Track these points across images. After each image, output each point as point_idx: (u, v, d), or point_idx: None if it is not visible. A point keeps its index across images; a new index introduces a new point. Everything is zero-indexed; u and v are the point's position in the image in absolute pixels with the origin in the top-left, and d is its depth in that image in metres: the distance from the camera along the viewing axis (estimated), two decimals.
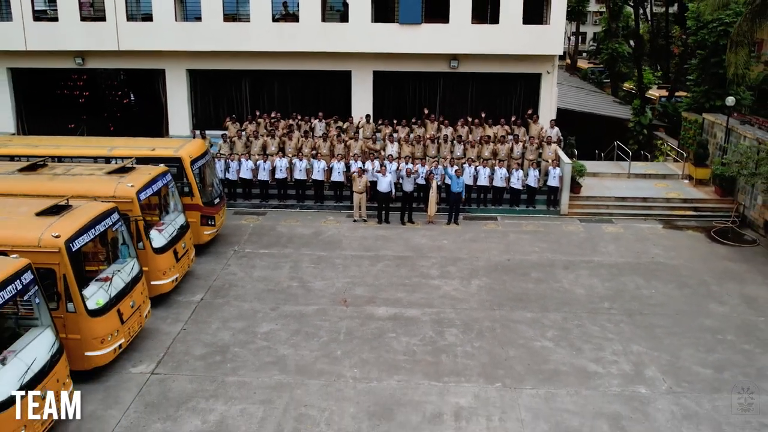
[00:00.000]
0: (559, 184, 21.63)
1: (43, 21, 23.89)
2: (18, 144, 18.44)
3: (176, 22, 23.34)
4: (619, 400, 11.78)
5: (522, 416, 11.24)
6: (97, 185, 14.53)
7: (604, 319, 14.82)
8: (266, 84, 24.52)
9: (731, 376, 12.63)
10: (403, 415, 11.22)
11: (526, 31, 22.65)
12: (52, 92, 25.76)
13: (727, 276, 17.39)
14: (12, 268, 9.95)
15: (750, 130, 21.70)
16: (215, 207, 18.28)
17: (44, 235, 11.39)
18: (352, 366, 12.66)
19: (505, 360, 12.98)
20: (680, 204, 22.41)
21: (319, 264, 17.54)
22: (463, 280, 16.66)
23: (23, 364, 9.81)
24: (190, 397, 11.63)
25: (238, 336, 13.76)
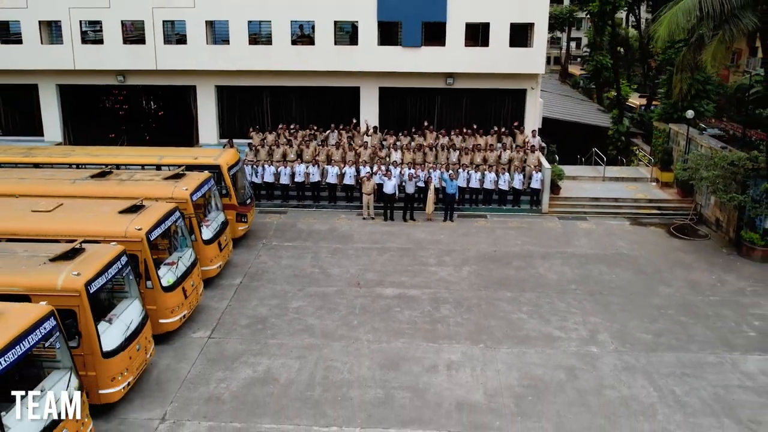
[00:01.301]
0: (541, 186, 24.93)
1: (89, 44, 27.22)
2: (80, 154, 21.71)
3: (207, 45, 26.67)
4: (575, 356, 15.13)
5: (498, 368, 14.58)
6: (158, 189, 17.88)
7: (570, 297, 18.16)
8: (285, 98, 27.89)
9: (666, 340, 15.98)
10: (407, 366, 14.57)
11: (513, 53, 26.02)
12: (95, 106, 29.15)
13: (678, 264, 20.73)
14: (113, 252, 13.32)
15: (705, 140, 25.05)
16: (247, 206, 21.65)
17: (129, 228, 14.76)
18: (366, 332, 16.02)
19: (487, 328, 16.33)
20: (646, 204, 25.74)
21: (336, 254, 20.90)
22: (455, 267, 20.01)
23: (123, 324, 13.15)
24: (241, 354, 14.99)
25: (273, 310, 17.12)
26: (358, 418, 12.72)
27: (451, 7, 25.62)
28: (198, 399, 13.29)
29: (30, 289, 11.97)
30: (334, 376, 14.14)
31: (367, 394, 13.53)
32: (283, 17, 26.18)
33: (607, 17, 35.25)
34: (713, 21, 17.86)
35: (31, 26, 26.81)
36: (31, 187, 18.19)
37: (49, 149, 23.22)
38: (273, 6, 26.03)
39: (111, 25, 26.53)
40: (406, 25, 25.95)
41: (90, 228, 14.73)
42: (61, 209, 15.87)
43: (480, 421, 12.69)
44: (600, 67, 42.16)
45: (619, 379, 14.25)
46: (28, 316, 10.51)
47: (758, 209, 20.87)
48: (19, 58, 27.17)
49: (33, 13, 26.65)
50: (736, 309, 17.74)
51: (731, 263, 20.96)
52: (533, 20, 25.72)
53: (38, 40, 26.95)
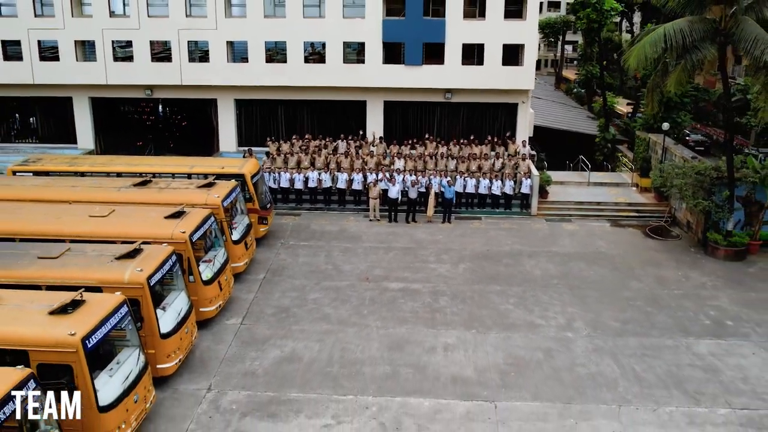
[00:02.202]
0: (530, 191, 27.60)
1: (120, 61, 29.90)
2: (120, 163, 24.38)
3: (227, 63, 29.39)
4: (553, 340, 17.81)
5: (487, 349, 17.26)
6: (193, 195, 20.56)
7: (552, 291, 20.84)
8: (298, 111, 30.63)
9: (632, 327, 18.65)
10: (410, 348, 17.26)
11: (505, 71, 28.73)
12: (124, 116, 31.86)
13: (650, 262, 23.40)
14: (166, 251, 16.01)
15: (679, 150, 27.72)
16: (267, 210, 24.33)
17: (174, 231, 17.44)
18: (375, 320, 18.70)
19: (479, 317, 19.00)
20: (626, 207, 28.41)
21: (346, 253, 23.58)
22: (453, 264, 22.69)
23: (175, 311, 15.83)
24: (269, 338, 17.68)
25: (294, 301, 19.81)
26: (370, 389, 15.40)
27: (450, 29, 28.33)
28: (236, 374, 15.98)
29: (102, 282, 14.64)
30: (348, 356, 16.83)
31: (376, 370, 16.21)
32: (297, 38, 28.92)
33: (594, 33, 37.83)
34: (676, 52, 20.54)
35: (68, 45, 29.51)
36: (82, 194, 20.87)
37: (92, 159, 25.91)
38: (288, 28, 28.76)
39: (140, 44, 29.26)
40: (408, 45, 28.69)
41: (141, 231, 17.37)
42: (114, 215, 18.56)
43: (470, 392, 15.37)
44: (590, 76, 44.83)
45: (588, 359, 16.92)
46: (110, 303, 13.19)
47: (721, 213, 23.56)
48: (56, 73, 29.90)
49: (70, 33, 29.36)
50: (696, 301, 20.40)
51: (697, 261, 23.63)
52: (523, 42, 28.44)
53: (74, 58, 29.67)
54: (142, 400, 13.50)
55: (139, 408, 13.36)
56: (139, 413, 13.37)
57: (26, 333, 12.12)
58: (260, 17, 28.71)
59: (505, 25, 28.30)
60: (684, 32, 20.22)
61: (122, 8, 29.23)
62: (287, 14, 28.67)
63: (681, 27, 20.26)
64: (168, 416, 14.31)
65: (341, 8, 28.44)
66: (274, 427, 14.01)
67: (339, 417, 14.34)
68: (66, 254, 15.65)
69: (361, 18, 28.60)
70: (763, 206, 23.94)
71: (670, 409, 14.89)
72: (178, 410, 14.55)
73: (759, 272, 22.73)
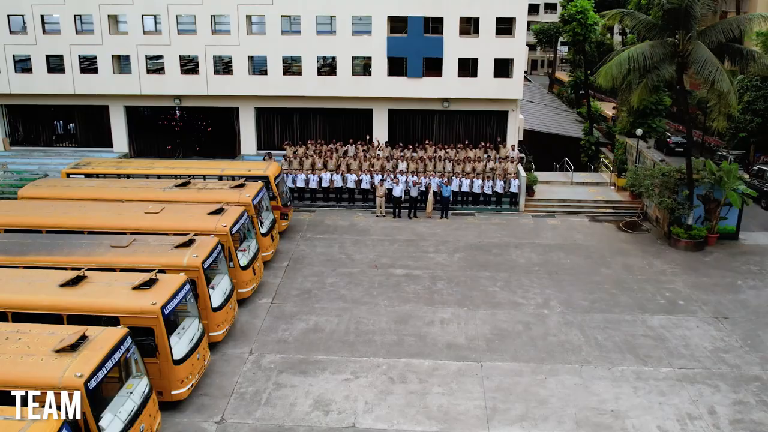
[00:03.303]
0: (518, 190, 31.19)
1: (153, 73, 33.44)
2: (159, 166, 27.94)
3: (248, 75, 32.94)
4: (531, 316, 21.40)
5: (476, 323, 20.86)
6: (227, 195, 24.15)
7: (533, 276, 24.44)
8: (311, 118, 34.22)
9: (598, 305, 22.24)
10: (412, 321, 20.86)
11: (496, 83, 32.29)
12: (155, 122, 35.41)
13: (619, 252, 26.99)
14: (214, 241, 19.61)
15: (650, 154, 31.30)
16: (288, 207, 27.92)
17: (217, 225, 21.02)
18: (383, 299, 22.30)
19: (470, 297, 22.61)
20: (603, 204, 31.97)
21: (357, 244, 27.18)
22: (449, 254, 26.29)
23: (222, 290, 19.43)
24: (296, 314, 21.29)
25: (315, 284, 23.41)
26: (380, 353, 19.01)
27: (447, 45, 31.87)
28: (271, 341, 19.60)
29: (165, 265, 18.19)
30: (362, 328, 20.44)
31: (385, 338, 19.82)
32: (311, 53, 32.46)
33: (579, 45, 41.31)
34: (639, 72, 24.10)
35: (106, 59, 33.05)
36: (133, 194, 24.47)
37: (135, 162, 29.50)
38: (302, 44, 32.28)
39: (171, 58, 32.79)
40: (410, 60, 32.24)
41: (190, 225, 20.97)
42: (165, 211, 22.16)
43: (461, 354, 18.97)
44: (578, 81, 48.36)
45: (559, 330, 20.53)
46: (177, 280, 16.80)
47: (682, 210, 27.15)
48: (95, 84, 33.45)
49: (108, 48, 32.89)
50: (656, 284, 23.99)
51: (661, 251, 27.21)
52: (512, 56, 31.99)
53: (111, 71, 33.19)
54: (202, 358, 17.12)
55: (200, 364, 16.99)
56: (200, 368, 17.00)
57: (118, 303, 15.72)
58: (278, 34, 32.23)
59: (496, 41, 31.82)
60: (645, 55, 23.80)
61: (154, 26, 32.73)
62: (302, 31, 32.19)
63: (643, 50, 23.84)
64: (220, 372, 17.93)
65: (350, 26, 31.96)
66: (305, 380, 17.63)
67: (356, 373, 17.96)
68: (133, 244, 19.27)
69: (368, 35, 32.15)
70: (720, 203, 27.49)
71: (622, 368, 18.51)
72: (227, 368, 18.18)
73: (713, 261, 26.32)
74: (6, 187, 32.79)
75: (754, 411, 16.71)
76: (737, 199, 26.55)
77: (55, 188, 25.46)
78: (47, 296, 15.91)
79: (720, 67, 22.48)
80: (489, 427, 15.84)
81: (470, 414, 16.31)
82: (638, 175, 28.76)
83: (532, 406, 16.70)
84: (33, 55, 33.14)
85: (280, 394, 17.02)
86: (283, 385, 17.41)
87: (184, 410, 16.27)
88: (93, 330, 14.04)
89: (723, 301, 22.70)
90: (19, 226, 21.51)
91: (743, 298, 23.04)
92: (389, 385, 17.43)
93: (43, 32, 32.76)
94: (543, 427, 15.85)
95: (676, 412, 16.54)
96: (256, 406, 16.51)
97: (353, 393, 17.09)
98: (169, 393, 15.91)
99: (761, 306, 22.45)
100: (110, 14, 32.41)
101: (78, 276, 16.54)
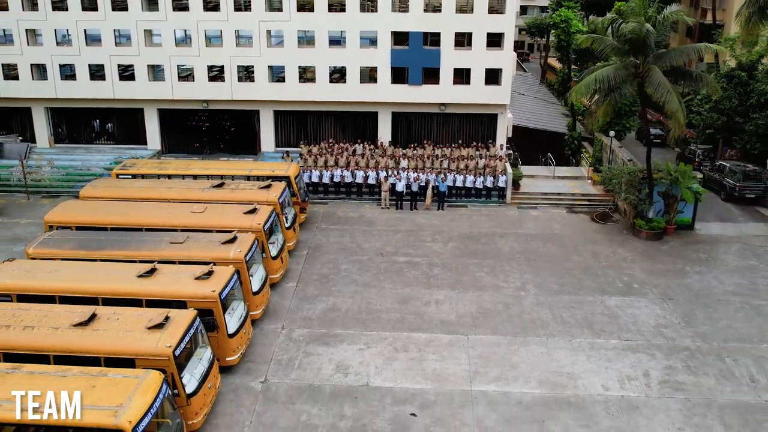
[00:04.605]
0: (505, 185, 35.69)
1: (183, 80, 37.73)
2: (195, 167, 32.40)
3: (268, 83, 37.25)
4: (510, 297, 26.03)
5: (465, 303, 25.49)
6: (257, 195, 28.63)
7: (514, 263, 29.05)
8: (324, 120, 38.62)
9: (566, 288, 26.84)
10: (413, 302, 25.50)
11: (487, 89, 36.62)
12: (185, 123, 39.79)
13: (590, 241, 31.57)
14: (252, 238, 24.17)
15: (621, 153, 35.70)
16: (306, 202, 32.46)
17: (253, 223, 25.57)
18: (388, 283, 26.93)
19: (461, 281, 27.23)
20: (580, 197, 36.46)
21: (365, 234, 31.77)
22: (444, 243, 30.88)
23: (259, 278, 24.04)
24: (317, 296, 25.94)
25: (331, 270, 28.03)
26: (386, 328, 23.66)
27: (443, 57, 36.12)
28: (298, 318, 24.27)
29: (215, 258, 22.73)
30: (371, 307, 25.11)
31: (390, 316, 24.49)
32: (323, 63, 36.72)
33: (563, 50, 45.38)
34: (604, 92, 28.47)
35: (142, 68, 37.32)
36: (177, 194, 28.94)
37: (174, 163, 33.89)
38: (316, 55, 36.52)
39: (199, 67, 37.07)
40: (411, 69, 36.55)
41: (230, 223, 25.49)
42: (208, 211, 26.67)
43: (452, 329, 23.64)
44: (565, 77, 52.49)
45: (533, 309, 25.17)
46: (228, 272, 21.38)
47: (643, 205, 31.67)
48: (132, 90, 37.77)
49: (143, 59, 37.14)
50: (617, 270, 28.58)
51: (626, 240, 31.78)
52: (501, 66, 36.24)
53: (146, 78, 37.48)
54: (247, 332, 21.82)
55: (246, 337, 21.69)
56: (246, 341, 21.69)
57: (186, 290, 20.33)
58: (294, 47, 36.48)
59: (487, 53, 36.06)
60: (610, 77, 28.13)
61: (185, 39, 36.93)
62: (316, 45, 36.42)
63: (608, 73, 28.17)
64: (261, 343, 22.63)
65: (358, 40, 36.19)
66: (328, 349, 22.34)
67: (368, 344, 22.67)
68: (187, 240, 23.85)
69: (374, 48, 36.38)
70: (677, 199, 31.97)
71: (579, 340, 23.19)
72: (266, 340, 22.88)
73: (669, 249, 30.91)
74: (54, 182, 37.38)
75: (680, 374, 21.39)
76: (690, 196, 31.06)
77: (109, 189, 29.93)
78: (130, 285, 20.54)
79: (670, 90, 26.82)
80: (471, 385, 20.54)
81: (457, 375, 21.01)
82: (609, 173, 33.22)
83: (505, 369, 21.39)
84: (77, 64, 37.38)
85: (308, 360, 21.74)
86: (311, 353, 22.13)
87: (236, 373, 20.98)
88: (172, 312, 18.68)
89: (671, 285, 27.31)
90: (89, 223, 26.06)
91: (688, 282, 27.65)
92: (394, 354, 22.13)
93: (86, 44, 36.92)
94: (513, 386, 20.56)
95: (617, 374, 21.23)
96: (290, 370, 21.23)
97: (366, 359, 21.79)
98: (224, 359, 20.57)
99: (702, 289, 27.06)
100: (146, 29, 36.60)
101: (152, 269, 21.16)
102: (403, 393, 20.02)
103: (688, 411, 19.47)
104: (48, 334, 17.76)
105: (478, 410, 19.31)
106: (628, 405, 19.70)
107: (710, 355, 22.30)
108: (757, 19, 29.13)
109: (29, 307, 19.12)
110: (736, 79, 40.50)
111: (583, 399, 19.96)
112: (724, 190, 37.36)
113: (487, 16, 35.27)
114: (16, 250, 29.04)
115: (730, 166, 37.64)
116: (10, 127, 40.36)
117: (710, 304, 25.75)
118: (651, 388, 20.59)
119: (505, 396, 19.99)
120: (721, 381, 20.91)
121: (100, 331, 17.88)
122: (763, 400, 20.01)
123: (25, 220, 33.22)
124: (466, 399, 19.81)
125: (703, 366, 21.71)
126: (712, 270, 28.72)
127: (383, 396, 19.88)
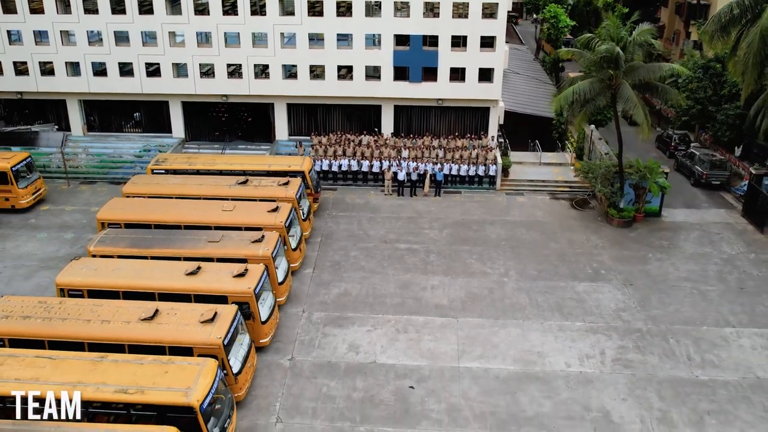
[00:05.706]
0: (495, 173, 39.92)
1: (205, 77, 41.56)
2: (220, 163, 36.56)
3: (282, 79, 41.08)
4: (495, 283, 30.60)
5: (456, 288, 30.06)
6: (276, 191, 32.93)
7: (500, 250, 33.55)
8: (332, 113, 42.61)
9: (543, 275, 31.33)
10: (412, 287, 30.08)
11: (480, 86, 40.45)
12: (206, 114, 43.78)
13: (567, 228, 35.98)
14: (276, 235, 28.63)
15: (600, 146, 39.82)
16: (318, 193, 36.79)
17: (276, 220, 29.97)
18: (391, 270, 31.47)
19: (453, 267, 31.77)
20: (563, 183, 40.67)
21: (371, 221, 36.19)
22: (439, 230, 35.31)
23: (283, 269, 28.59)
24: (331, 281, 30.53)
25: (342, 257, 32.55)
26: (390, 311, 28.30)
27: (441, 57, 39.85)
28: (316, 302, 28.92)
29: (247, 256, 27.16)
30: (377, 292, 29.71)
31: (393, 300, 29.11)
32: (332, 62, 40.44)
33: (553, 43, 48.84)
34: (580, 103, 32.46)
35: (167, 66, 41.07)
36: (207, 191, 33.23)
37: (201, 158, 37.92)
38: (325, 55, 40.24)
39: (220, 65, 40.86)
40: (411, 68, 40.33)
41: (256, 220, 29.90)
42: (236, 209, 30.98)
43: (444, 312, 28.27)
44: (558, 59, 56.03)
45: (513, 294, 29.75)
46: (260, 269, 25.87)
47: (614, 197, 35.99)
48: (158, 86, 41.59)
49: (168, 57, 40.85)
50: (589, 257, 33.07)
51: (599, 228, 36.18)
52: (493, 66, 39.98)
53: (171, 75, 41.28)
54: (276, 317, 26.55)
55: (275, 322, 26.41)
56: (274, 325, 26.42)
57: (228, 287, 24.86)
58: (306, 47, 40.14)
59: (480, 54, 39.76)
60: (586, 90, 32.09)
61: (206, 40, 40.57)
62: (325, 46, 40.10)
63: (584, 87, 32.12)
64: (285, 326, 27.33)
65: (364, 41, 39.87)
66: (341, 331, 27.04)
67: (374, 325, 27.34)
68: (223, 239, 28.32)
69: (378, 49, 40.08)
70: (646, 190, 36.24)
71: (550, 322, 27.85)
72: (289, 323, 27.57)
73: (636, 236, 35.32)
74: (90, 168, 41.65)
75: (630, 353, 26.08)
76: (656, 189, 35.36)
77: (148, 185, 34.18)
78: (181, 282, 25.10)
79: (637, 104, 30.86)
80: (459, 362, 25.29)
81: (448, 354, 25.75)
82: (587, 167, 37.45)
83: (487, 348, 26.13)
84: (108, 62, 41.11)
85: (326, 340, 26.48)
86: (328, 334, 26.86)
87: (267, 352, 25.70)
88: (219, 307, 23.29)
89: (633, 271, 31.81)
90: (136, 221, 30.47)
91: (648, 268, 32.15)
92: (396, 335, 26.85)
93: (115, 44, 40.59)
94: (493, 363, 25.31)
95: (578, 353, 25.95)
96: (312, 349, 25.99)
97: (373, 340, 26.52)
98: (258, 342, 25.26)
99: (660, 275, 31.54)
100: (170, 30, 40.21)
101: (198, 267, 25.70)
102: (404, 369, 24.80)
103: (632, 385, 24.22)
104: (122, 327, 22.42)
105: (463, 384, 24.10)
106: (584, 379, 24.47)
107: (657, 336, 26.96)
108: (719, 36, 32.83)
109: (101, 303, 23.74)
110: (711, 70, 44.31)
111: (549, 374, 24.72)
112: (693, 176, 41.56)
113: (481, 20, 38.82)
114: (66, 238, 33.74)
115: (699, 155, 41.73)
116: (46, 116, 44.33)
117: (664, 289, 30.28)
118: (605, 365, 25.29)
119: (486, 371, 24.76)
120: (663, 359, 25.62)
121: (164, 324, 22.53)
122: (694, 376, 24.76)
123: (70, 207, 37.62)
124: (454, 374, 24.58)
125: (650, 346, 26.38)
126: (671, 257, 33.16)
127: (387, 371, 24.66)
